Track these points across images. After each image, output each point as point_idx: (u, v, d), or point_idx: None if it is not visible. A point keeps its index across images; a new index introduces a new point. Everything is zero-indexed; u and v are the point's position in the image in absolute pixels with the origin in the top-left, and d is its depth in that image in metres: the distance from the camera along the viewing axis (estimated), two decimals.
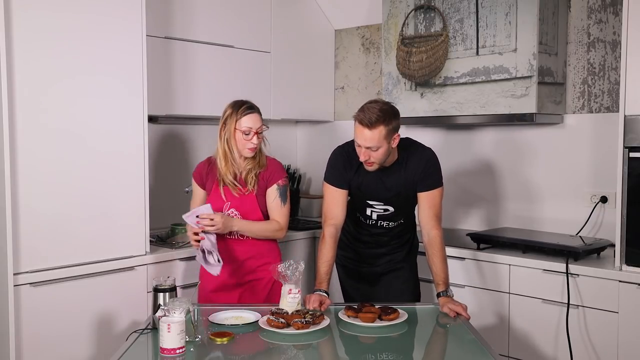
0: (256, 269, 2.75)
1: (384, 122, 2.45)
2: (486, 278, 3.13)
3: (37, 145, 2.69)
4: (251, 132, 2.65)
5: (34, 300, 2.68)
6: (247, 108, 2.67)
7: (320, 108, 4.32)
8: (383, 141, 2.48)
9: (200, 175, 2.81)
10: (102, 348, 2.88)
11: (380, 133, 2.46)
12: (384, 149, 2.50)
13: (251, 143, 2.66)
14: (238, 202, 2.71)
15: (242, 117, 2.65)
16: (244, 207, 2.71)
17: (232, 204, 2.71)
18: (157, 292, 2.23)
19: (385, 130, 2.46)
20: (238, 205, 2.71)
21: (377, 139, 2.46)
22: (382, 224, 2.77)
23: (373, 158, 2.52)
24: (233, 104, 2.72)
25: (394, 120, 2.50)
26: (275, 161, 2.82)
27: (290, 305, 2.37)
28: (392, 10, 3.69)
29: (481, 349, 2.10)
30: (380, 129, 2.45)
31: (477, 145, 3.72)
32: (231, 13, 3.72)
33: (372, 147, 2.48)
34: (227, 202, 2.71)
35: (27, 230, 2.67)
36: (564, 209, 3.40)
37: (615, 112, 3.18)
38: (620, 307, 2.75)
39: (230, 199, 2.71)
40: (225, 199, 2.71)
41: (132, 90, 2.98)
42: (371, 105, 2.50)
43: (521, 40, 3.18)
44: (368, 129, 2.46)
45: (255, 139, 2.67)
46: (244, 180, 2.72)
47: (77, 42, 2.79)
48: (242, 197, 2.71)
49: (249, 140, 2.66)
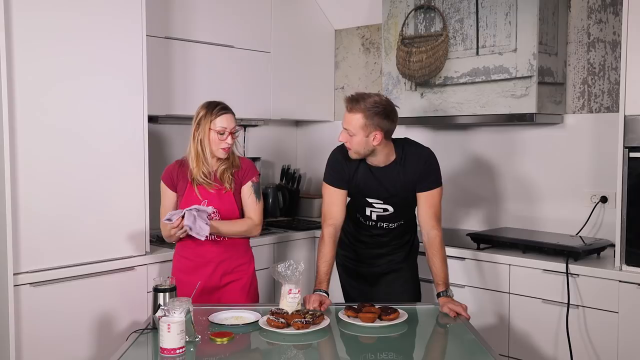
0: (233, 271, 2.74)
1: (365, 112, 2.46)
2: (486, 278, 3.13)
3: (37, 145, 2.69)
4: (225, 132, 2.65)
5: (34, 300, 2.68)
6: (222, 109, 2.67)
7: (320, 108, 4.32)
8: (359, 130, 2.47)
9: (170, 178, 2.76)
10: (102, 348, 2.88)
11: (357, 120, 2.46)
12: (359, 139, 2.50)
13: (225, 143, 2.66)
14: (216, 201, 2.69)
15: (217, 118, 2.65)
16: (222, 206, 2.70)
17: (209, 201, 2.69)
18: (157, 292, 2.23)
19: (362, 121, 2.46)
20: (216, 203, 2.69)
21: (353, 124, 2.47)
22: (382, 225, 2.77)
23: (349, 143, 2.54)
24: (207, 104, 2.71)
25: (378, 117, 2.47)
26: (248, 160, 2.85)
27: (290, 305, 2.37)
28: (392, 10, 3.69)
29: (481, 349, 2.10)
30: (358, 117, 2.46)
31: (477, 145, 3.72)
32: (231, 13, 3.72)
33: (348, 131, 2.50)
34: (204, 200, 2.68)
35: (27, 230, 2.67)
36: (564, 209, 3.40)
37: (615, 112, 3.18)
38: (620, 307, 2.75)
39: (207, 197, 2.69)
40: (201, 197, 2.69)
41: (132, 90, 2.98)
42: (369, 94, 2.52)
43: (521, 40, 3.18)
44: (347, 111, 2.50)
45: (230, 139, 2.67)
46: (218, 179, 2.71)
47: (77, 42, 2.79)
48: (221, 196, 2.70)
49: (223, 140, 2.65)
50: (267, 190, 4.14)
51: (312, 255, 3.76)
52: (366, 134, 2.48)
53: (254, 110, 3.88)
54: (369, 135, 2.49)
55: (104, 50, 2.87)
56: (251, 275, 2.80)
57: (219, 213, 2.69)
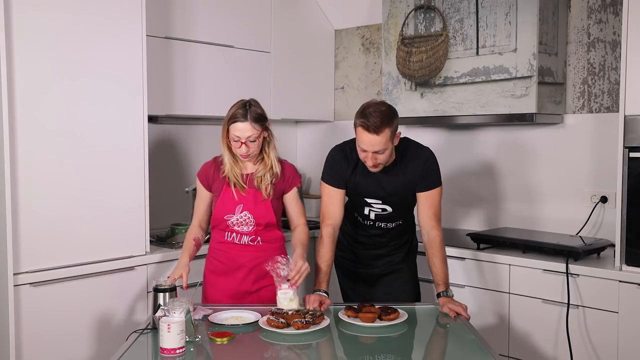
0: (265, 276, 2.58)
1: (387, 124, 2.45)
2: (486, 278, 3.13)
3: (37, 146, 2.69)
4: (239, 141, 2.54)
5: (34, 300, 2.68)
6: (237, 117, 2.53)
7: (320, 108, 4.32)
8: (388, 143, 2.49)
9: (206, 176, 2.68)
10: (102, 348, 2.88)
11: (386, 136, 2.46)
12: (389, 150, 2.52)
13: (240, 151, 2.55)
14: (252, 206, 2.61)
15: (231, 125, 2.54)
16: (257, 211, 2.62)
17: (244, 206, 2.61)
18: (157, 292, 2.23)
19: (389, 132, 2.47)
20: (252, 208, 2.61)
21: (384, 142, 2.46)
22: (380, 225, 2.76)
23: (379, 161, 2.52)
24: (238, 104, 2.59)
25: (395, 120, 2.51)
26: (290, 166, 2.73)
27: (281, 302, 2.37)
28: (392, 10, 3.69)
29: (481, 349, 2.10)
30: (386, 132, 2.45)
31: (477, 145, 3.72)
32: (231, 13, 3.72)
33: (379, 151, 2.49)
34: (240, 204, 2.61)
35: (27, 230, 2.67)
36: (564, 209, 3.40)
37: (615, 112, 3.18)
38: (620, 307, 2.75)
39: (242, 201, 2.61)
40: (237, 199, 2.61)
41: (132, 90, 2.98)
42: (371, 109, 2.47)
43: (521, 40, 3.18)
44: (375, 135, 2.44)
45: (244, 147, 2.54)
46: (256, 186, 2.62)
47: (77, 42, 2.79)
48: (257, 202, 2.61)
49: (238, 148, 2.55)
50: None
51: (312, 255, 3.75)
52: (392, 140, 2.51)
53: None
54: (394, 140, 2.52)
55: (104, 50, 2.87)
56: None
57: (254, 218, 2.62)
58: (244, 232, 2.63)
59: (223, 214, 2.62)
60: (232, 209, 2.61)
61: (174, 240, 3.31)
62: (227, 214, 2.62)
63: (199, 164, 3.87)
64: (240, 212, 2.61)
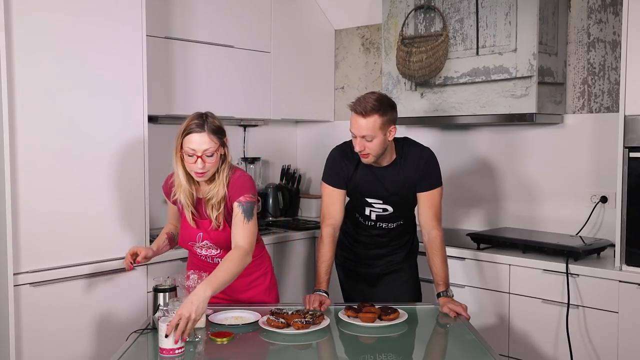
0: (248, 288, 2.55)
1: (379, 111, 2.45)
2: (486, 278, 3.13)
3: (37, 146, 2.69)
4: (194, 155, 2.24)
5: (34, 300, 2.69)
6: (194, 126, 2.25)
7: (320, 108, 4.32)
8: (378, 131, 2.47)
9: (168, 192, 2.49)
10: (102, 348, 2.88)
11: (375, 122, 2.45)
12: (378, 140, 2.49)
13: (196, 167, 2.25)
14: (211, 234, 2.39)
15: (185, 137, 2.25)
16: (218, 239, 2.40)
17: (204, 235, 2.40)
18: (157, 292, 2.23)
19: (380, 120, 2.45)
20: (212, 237, 2.40)
21: (371, 127, 2.45)
22: (381, 225, 2.76)
23: (368, 149, 2.51)
24: (193, 115, 2.32)
25: (389, 111, 2.49)
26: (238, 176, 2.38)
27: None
28: (392, 10, 3.69)
29: (481, 349, 2.10)
30: (375, 118, 2.45)
31: (477, 145, 3.72)
32: (231, 13, 3.72)
33: (366, 137, 2.47)
34: (200, 233, 2.41)
35: (27, 230, 2.67)
36: (564, 209, 3.40)
37: (615, 112, 3.18)
38: (620, 307, 2.75)
39: (201, 229, 2.40)
40: (197, 227, 2.40)
41: (132, 90, 2.98)
42: (368, 95, 2.51)
43: (521, 40, 3.18)
44: (362, 117, 2.45)
45: (200, 163, 2.24)
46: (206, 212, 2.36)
47: (77, 42, 2.79)
48: (210, 231, 2.39)
49: (192, 163, 2.25)
50: (267, 190, 4.14)
51: (312, 255, 3.76)
52: (384, 132, 2.48)
53: (253, 110, 3.88)
54: (386, 132, 2.49)
55: (104, 50, 2.87)
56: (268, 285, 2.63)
57: (216, 245, 2.42)
58: (214, 254, 2.48)
59: (187, 241, 2.48)
60: (193, 237, 2.44)
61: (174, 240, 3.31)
62: (190, 241, 2.47)
63: None
64: (201, 241, 2.43)
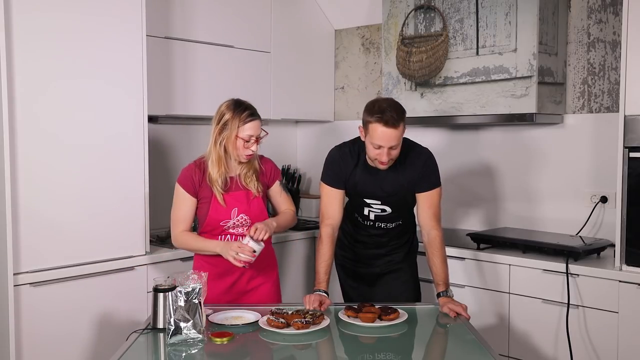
0: (258, 275, 2.66)
1: (403, 117, 2.49)
2: (486, 278, 3.13)
3: (37, 145, 2.69)
4: (251, 140, 2.53)
5: (34, 300, 2.69)
6: (250, 115, 2.53)
7: (320, 108, 4.32)
8: (402, 137, 2.51)
9: (191, 182, 2.58)
10: (102, 348, 2.88)
11: (402, 129, 2.48)
12: (400, 145, 2.53)
13: (250, 150, 2.54)
14: (245, 207, 2.59)
15: (245, 125, 2.51)
16: (252, 211, 2.60)
17: (239, 209, 2.59)
18: (157, 292, 2.23)
19: (404, 126, 2.49)
20: (246, 209, 2.59)
21: (399, 136, 2.48)
22: (380, 225, 2.77)
23: (392, 156, 2.53)
24: (233, 106, 2.55)
25: (405, 113, 2.53)
26: (268, 160, 2.74)
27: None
28: (392, 10, 3.69)
29: (481, 349, 2.10)
30: (402, 125, 2.48)
31: (477, 145, 3.72)
32: (231, 13, 3.72)
33: (394, 146, 2.48)
34: (235, 208, 2.58)
35: (27, 230, 2.67)
36: (564, 209, 3.40)
37: (615, 112, 3.18)
38: (620, 307, 2.75)
39: (236, 204, 2.58)
40: (226, 205, 2.56)
41: (132, 90, 2.98)
42: (384, 104, 2.47)
43: (521, 40, 3.18)
44: (394, 129, 2.44)
45: (255, 146, 2.55)
46: (242, 184, 2.60)
47: (77, 42, 2.79)
48: (249, 201, 2.60)
49: (248, 147, 2.53)
50: None
51: (311, 255, 3.76)
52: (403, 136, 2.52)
53: None
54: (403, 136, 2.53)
55: (103, 50, 2.87)
56: (275, 279, 2.75)
57: (249, 218, 2.60)
58: (239, 233, 2.60)
59: (219, 220, 2.58)
60: (228, 213, 2.58)
61: None
62: (223, 220, 2.58)
63: None
64: (236, 216, 2.58)
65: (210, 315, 2.33)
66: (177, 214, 2.64)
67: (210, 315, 2.33)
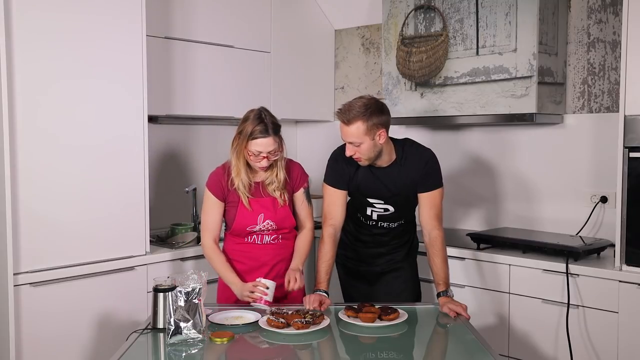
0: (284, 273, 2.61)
1: (362, 118, 2.45)
2: (486, 278, 3.13)
3: (37, 145, 2.69)
4: (260, 155, 2.50)
5: (34, 300, 2.69)
6: (262, 132, 2.46)
7: (320, 108, 4.32)
8: (364, 137, 2.47)
9: (220, 186, 2.59)
10: (102, 348, 2.88)
11: (358, 129, 2.46)
12: (367, 145, 2.50)
13: (261, 164, 2.52)
14: (272, 214, 2.59)
15: (254, 140, 2.47)
16: (278, 218, 2.60)
17: (265, 215, 2.58)
18: (157, 292, 2.23)
19: (364, 126, 2.45)
20: (272, 216, 2.59)
21: (355, 134, 2.47)
22: (382, 225, 2.77)
23: (358, 153, 2.53)
24: (252, 117, 2.51)
25: (375, 116, 2.47)
26: (298, 165, 2.71)
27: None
28: (392, 10, 3.69)
29: (481, 349, 2.10)
30: (358, 125, 2.45)
31: (477, 145, 3.72)
32: (231, 13, 3.72)
33: (354, 143, 2.49)
34: (261, 214, 2.58)
35: (27, 230, 2.67)
36: (564, 209, 3.40)
37: (615, 112, 3.18)
38: (620, 307, 2.75)
39: (262, 210, 2.58)
40: (253, 209, 2.57)
41: (132, 90, 2.98)
42: (354, 101, 2.51)
43: (521, 40, 3.18)
44: (346, 125, 2.47)
45: (265, 161, 2.50)
46: (270, 193, 2.59)
47: (77, 42, 2.79)
48: (276, 210, 2.59)
49: (257, 161, 2.52)
50: None
51: (312, 255, 3.75)
52: (371, 137, 2.48)
53: None
54: (374, 137, 2.49)
55: (104, 50, 2.87)
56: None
57: (276, 224, 2.61)
58: (266, 233, 2.62)
59: (246, 225, 2.59)
60: (254, 219, 2.58)
61: (174, 240, 3.31)
62: (250, 225, 2.59)
63: (199, 164, 3.90)
64: (262, 222, 2.59)
65: (210, 315, 2.33)
66: (206, 220, 2.64)
67: (210, 315, 2.33)
